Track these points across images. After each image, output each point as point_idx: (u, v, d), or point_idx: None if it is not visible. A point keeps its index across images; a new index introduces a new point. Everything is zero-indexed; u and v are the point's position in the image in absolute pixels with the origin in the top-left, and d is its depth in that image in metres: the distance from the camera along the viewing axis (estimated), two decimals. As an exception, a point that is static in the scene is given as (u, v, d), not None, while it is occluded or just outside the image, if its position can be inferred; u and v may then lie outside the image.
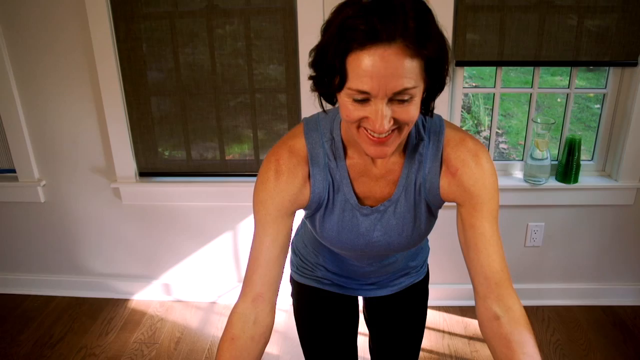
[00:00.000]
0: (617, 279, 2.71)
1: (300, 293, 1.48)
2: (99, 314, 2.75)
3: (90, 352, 2.48)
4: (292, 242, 1.50)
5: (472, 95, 5.21)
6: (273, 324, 1.10)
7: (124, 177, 2.56)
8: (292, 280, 1.50)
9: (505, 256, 1.06)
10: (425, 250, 1.49)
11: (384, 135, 0.93)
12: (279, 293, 1.11)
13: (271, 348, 2.48)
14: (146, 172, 2.58)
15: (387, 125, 0.90)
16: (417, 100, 0.92)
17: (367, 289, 1.44)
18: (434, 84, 0.93)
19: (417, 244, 1.23)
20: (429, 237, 1.50)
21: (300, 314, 1.49)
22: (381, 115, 0.89)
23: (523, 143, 2.53)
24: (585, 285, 2.72)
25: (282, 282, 1.12)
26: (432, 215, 1.18)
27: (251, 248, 1.09)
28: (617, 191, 2.47)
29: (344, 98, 0.92)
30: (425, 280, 1.50)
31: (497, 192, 1.07)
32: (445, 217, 2.29)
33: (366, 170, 1.11)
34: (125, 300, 2.85)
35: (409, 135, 1.09)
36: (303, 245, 1.44)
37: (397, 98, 0.89)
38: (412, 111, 0.91)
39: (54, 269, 2.88)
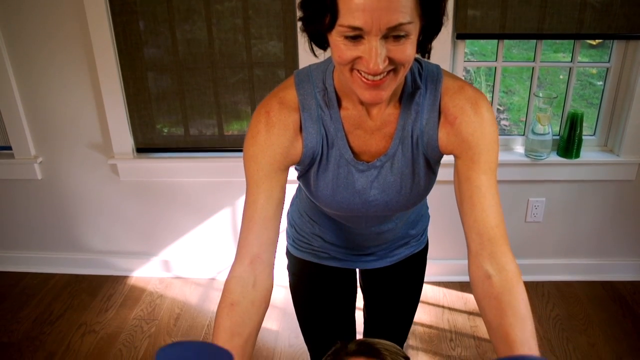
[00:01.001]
0: (617, 254, 2.70)
1: (296, 267, 1.44)
2: (98, 291, 2.74)
3: (90, 329, 2.48)
4: (287, 213, 1.46)
5: (474, 72, 5.16)
6: (272, 287, 1.03)
7: (121, 153, 2.53)
8: (288, 254, 1.45)
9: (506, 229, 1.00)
10: (425, 218, 1.45)
11: (378, 77, 0.88)
12: (277, 269, 1.07)
13: (270, 324, 2.49)
14: (144, 148, 2.55)
15: (382, 64, 0.86)
16: (413, 39, 0.87)
17: (366, 261, 1.40)
18: (430, 23, 0.89)
19: (416, 204, 1.18)
20: (429, 207, 1.48)
21: (296, 289, 1.47)
22: (375, 53, 0.84)
23: (524, 119, 2.50)
24: (586, 260, 2.71)
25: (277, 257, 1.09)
26: (431, 172, 1.13)
27: (244, 208, 1.03)
28: (618, 166, 2.45)
29: (335, 38, 0.87)
30: (425, 251, 1.47)
31: (496, 144, 1.01)
32: (444, 191, 2.28)
33: (361, 122, 1.06)
34: (125, 277, 2.85)
35: (405, 84, 1.04)
36: (299, 215, 1.39)
37: (392, 34, 0.84)
38: (408, 50, 0.86)
39: (53, 247, 2.87)
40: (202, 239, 2.75)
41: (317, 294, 1.44)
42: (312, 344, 1.54)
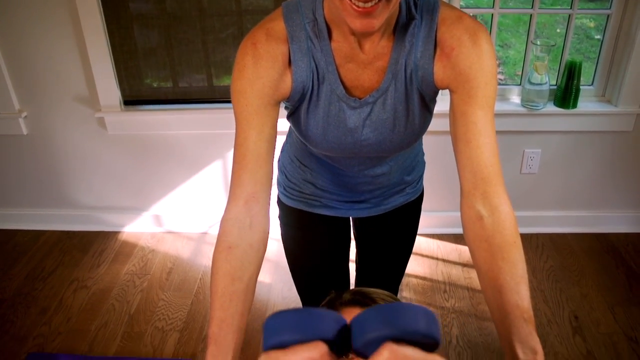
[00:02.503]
0: (611, 206, 2.69)
1: (288, 216, 1.40)
2: (89, 247, 2.72)
3: (82, 285, 2.47)
4: (277, 160, 1.41)
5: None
6: (269, 228, 0.99)
7: (109, 106, 2.47)
8: (280, 202, 1.41)
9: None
10: (421, 165, 1.40)
11: (369, 4, 0.83)
12: (270, 222, 1.03)
13: (263, 277, 2.48)
14: (131, 101, 2.49)
15: None
16: None
17: (360, 209, 1.36)
18: None
19: (410, 144, 1.14)
20: (425, 156, 1.44)
21: (288, 239, 1.43)
22: None
23: (520, 73, 2.45)
24: (580, 212, 2.70)
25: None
26: (426, 110, 1.08)
27: (235, 147, 0.98)
28: (616, 117, 2.41)
29: None
30: (420, 199, 1.43)
31: (495, 78, 0.96)
32: (439, 141, 2.25)
33: (353, 55, 1.01)
34: (116, 233, 2.82)
35: (399, 14, 0.98)
36: (289, 160, 1.34)
37: None
38: None
39: (43, 203, 2.83)
40: (193, 192, 2.72)
41: (309, 243, 1.41)
42: (304, 295, 1.52)
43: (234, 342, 0.85)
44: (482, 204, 0.91)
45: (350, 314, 0.99)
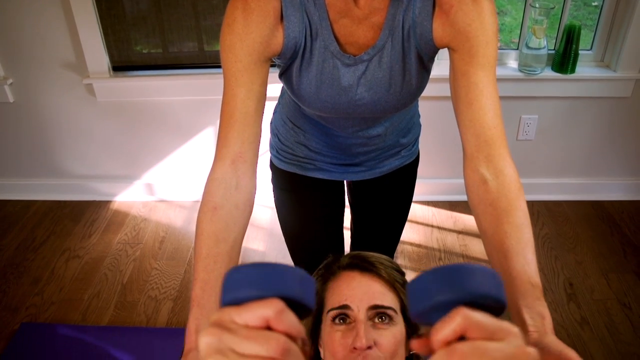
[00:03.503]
0: (608, 174, 2.68)
1: (281, 180, 1.37)
2: (81, 217, 2.69)
3: (74, 254, 2.45)
4: (270, 122, 1.38)
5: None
6: (256, 189, 0.96)
7: (97, 73, 2.41)
8: (272, 166, 1.37)
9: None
10: (417, 127, 1.37)
11: None
12: (261, 189, 0.98)
13: (256, 245, 2.47)
14: (120, 67, 2.43)
15: None
16: None
17: (354, 172, 1.33)
18: None
19: (406, 105, 1.10)
20: (421, 120, 1.41)
21: (282, 203, 1.40)
22: None
23: (517, 40, 2.40)
24: (576, 180, 2.68)
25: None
26: (423, 69, 1.04)
27: (223, 104, 0.94)
28: (614, 82, 2.38)
29: None
30: (415, 163, 1.40)
31: (495, 37, 0.92)
32: (435, 107, 2.22)
33: (347, 10, 0.96)
34: (108, 202, 2.79)
35: None
36: (282, 122, 1.30)
37: None
38: None
39: (32, 173, 2.79)
40: (185, 160, 2.68)
41: (303, 207, 1.38)
42: (299, 261, 1.49)
43: (217, 304, 0.80)
44: (486, 167, 0.88)
45: (348, 278, 0.97)
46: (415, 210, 2.59)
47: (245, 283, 0.44)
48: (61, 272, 2.35)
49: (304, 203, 1.38)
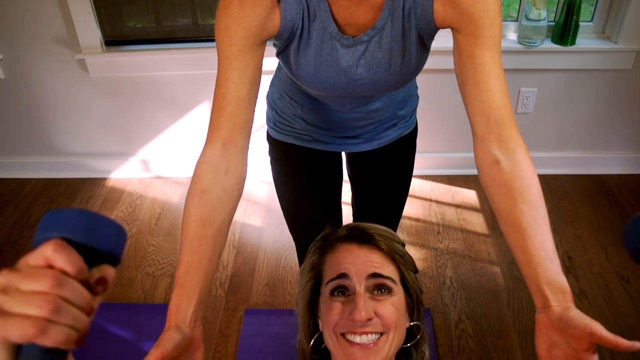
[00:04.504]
0: (607, 147, 2.66)
1: (278, 151, 1.35)
2: (76, 194, 2.67)
3: (70, 232, 2.43)
4: (267, 95, 1.36)
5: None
6: (246, 174, 0.97)
7: (89, 48, 2.36)
8: (269, 138, 1.36)
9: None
10: (414, 98, 1.35)
11: None
12: (259, 165, 0.97)
13: (254, 220, 2.46)
14: (113, 41, 2.38)
15: None
16: None
17: (352, 144, 1.31)
18: None
19: (406, 83, 1.10)
20: (419, 95, 1.38)
21: (279, 175, 1.39)
22: None
23: (515, 15, 2.36)
24: (575, 154, 2.67)
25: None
26: (423, 48, 1.03)
27: (216, 87, 0.94)
28: (615, 54, 2.34)
29: None
30: (414, 133, 1.38)
31: (499, 15, 0.92)
32: (433, 80, 2.19)
33: None
34: (103, 179, 2.77)
35: None
36: (279, 96, 1.29)
37: None
38: None
39: (26, 151, 2.75)
40: (181, 136, 2.65)
41: (301, 178, 1.36)
42: (297, 234, 1.48)
43: (199, 286, 0.85)
44: (498, 147, 0.89)
45: (346, 250, 0.95)
46: (414, 185, 2.54)
47: (55, 226, 0.46)
48: (57, 250, 2.33)
49: (301, 174, 1.36)
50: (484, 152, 0.91)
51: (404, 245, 0.98)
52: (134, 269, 2.22)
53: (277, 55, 1.07)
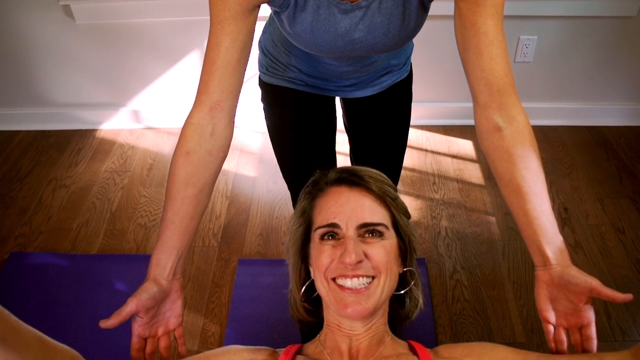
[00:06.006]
0: (606, 98, 2.62)
1: (271, 95, 1.32)
2: (66, 146, 2.63)
3: (61, 184, 2.40)
4: (259, 41, 1.32)
5: None
6: (232, 137, 0.99)
7: (74, -8, 2.28)
8: (262, 83, 1.33)
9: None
10: (409, 46, 1.32)
11: None
12: (252, 116, 0.95)
13: (247, 170, 2.43)
14: (99, -15, 2.29)
15: None
16: None
17: (347, 91, 1.29)
18: None
19: (403, 45, 1.10)
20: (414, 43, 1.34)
21: (272, 120, 1.35)
22: None
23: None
24: (574, 105, 2.63)
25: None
26: (423, 10, 1.00)
27: (206, 50, 0.94)
28: (619, 0, 2.27)
29: None
30: (409, 79, 1.35)
31: None
32: (429, 29, 2.09)
33: None
34: (93, 131, 2.72)
35: None
36: (272, 44, 1.25)
37: None
38: None
39: (13, 102, 2.69)
40: (172, 86, 2.59)
41: (295, 121, 1.33)
42: (291, 180, 1.45)
43: (179, 242, 0.90)
44: (499, 115, 0.92)
45: (337, 194, 0.92)
46: (410, 135, 2.52)
47: None
48: (48, 202, 2.31)
49: (294, 117, 1.33)
50: (486, 119, 0.93)
51: (396, 188, 0.96)
52: (126, 220, 2.20)
53: (273, 14, 1.05)
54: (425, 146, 2.54)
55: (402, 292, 0.95)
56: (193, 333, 1.77)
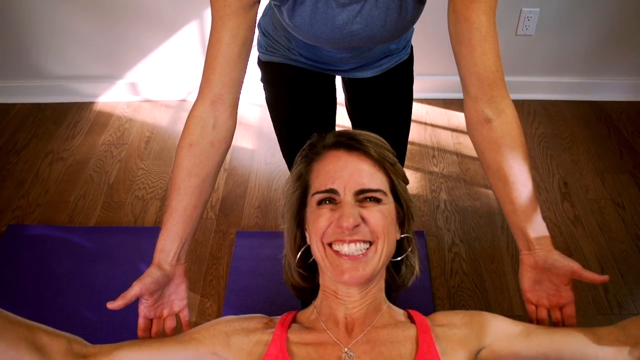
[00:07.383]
0: (608, 73, 2.59)
1: (271, 73, 1.31)
2: (63, 119, 2.61)
3: (58, 157, 2.38)
4: (259, 23, 1.30)
5: None
6: (234, 128, 1.01)
7: (69, -40, 2.24)
8: (260, 62, 1.32)
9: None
10: (409, 31, 1.30)
11: None
12: (252, 88, 0.95)
13: (245, 143, 2.42)
14: (94, -46, 2.26)
15: None
16: None
17: (347, 70, 1.29)
18: None
19: (402, 35, 1.10)
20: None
21: (272, 97, 1.34)
22: None
23: None
24: (575, 79, 2.60)
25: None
26: (420, 2, 1.01)
27: (208, 44, 0.96)
28: (623, -29, 2.25)
29: None
30: (409, 61, 1.34)
31: None
32: (429, 1, 2.07)
33: None
34: (90, 103, 2.70)
35: None
36: (272, 27, 1.25)
37: None
38: None
39: (9, 75, 2.66)
40: (169, 58, 2.57)
41: (295, 96, 1.32)
42: (290, 155, 1.43)
43: (182, 230, 0.95)
44: (489, 107, 0.94)
45: (334, 158, 0.91)
46: (409, 109, 2.53)
47: None
48: (46, 175, 2.29)
49: (295, 92, 1.32)
50: (476, 111, 0.96)
51: (394, 153, 0.95)
52: (124, 193, 2.19)
53: (273, 6, 1.06)
54: (424, 119, 2.53)
55: (399, 258, 0.95)
56: (191, 305, 1.77)
